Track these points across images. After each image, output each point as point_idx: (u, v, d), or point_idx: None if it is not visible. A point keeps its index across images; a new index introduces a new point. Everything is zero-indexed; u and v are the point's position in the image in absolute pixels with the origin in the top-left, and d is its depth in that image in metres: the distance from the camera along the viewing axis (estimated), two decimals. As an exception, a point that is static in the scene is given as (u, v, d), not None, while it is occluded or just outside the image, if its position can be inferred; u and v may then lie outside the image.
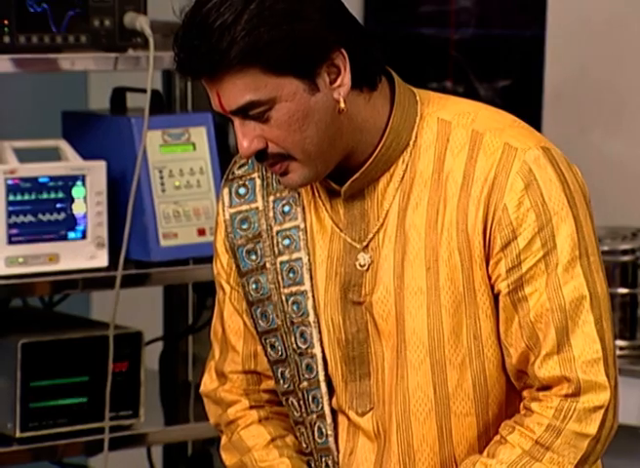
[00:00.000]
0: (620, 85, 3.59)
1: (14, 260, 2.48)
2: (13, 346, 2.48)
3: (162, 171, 2.62)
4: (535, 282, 1.83)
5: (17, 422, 2.49)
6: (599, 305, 1.84)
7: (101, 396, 2.52)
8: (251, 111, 1.81)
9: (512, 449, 1.83)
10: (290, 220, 1.96)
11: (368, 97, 1.87)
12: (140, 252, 2.61)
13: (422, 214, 1.87)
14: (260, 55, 1.78)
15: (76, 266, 2.54)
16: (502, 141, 1.85)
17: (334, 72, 1.82)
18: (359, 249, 1.91)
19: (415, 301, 1.88)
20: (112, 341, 2.53)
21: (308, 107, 1.82)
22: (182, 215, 2.64)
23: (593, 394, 1.82)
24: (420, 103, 1.91)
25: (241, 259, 1.98)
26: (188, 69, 1.82)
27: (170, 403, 2.91)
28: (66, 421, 2.54)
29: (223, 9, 1.77)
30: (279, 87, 1.80)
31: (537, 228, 1.83)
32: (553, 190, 1.84)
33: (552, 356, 1.82)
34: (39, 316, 2.79)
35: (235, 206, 1.99)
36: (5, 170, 2.47)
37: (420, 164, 1.88)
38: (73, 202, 2.54)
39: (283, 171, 1.86)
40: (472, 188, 1.85)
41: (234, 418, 2.03)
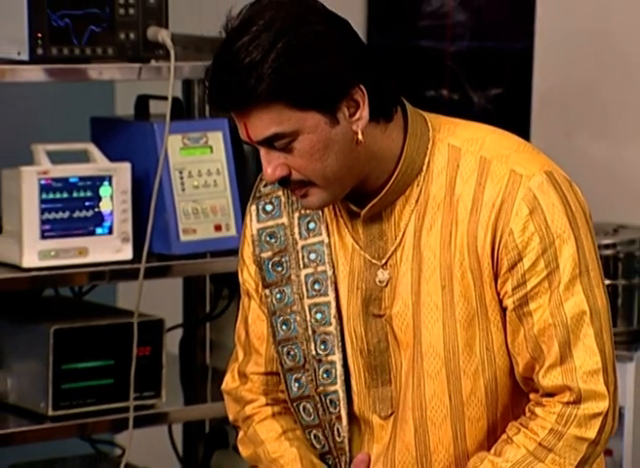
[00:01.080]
0: (602, 92, 3.58)
1: (46, 254, 2.48)
2: (46, 332, 2.48)
3: (182, 172, 2.62)
4: (539, 299, 1.83)
5: (49, 402, 2.49)
6: (599, 318, 1.84)
7: (126, 378, 2.52)
8: (275, 142, 1.80)
9: (518, 449, 1.83)
10: (314, 236, 1.95)
11: (384, 127, 1.86)
12: (162, 246, 2.60)
13: (437, 235, 1.87)
14: (286, 91, 1.77)
15: (103, 259, 2.54)
16: (509, 169, 1.84)
17: (353, 106, 1.81)
18: (378, 266, 1.91)
19: (431, 316, 1.88)
20: (136, 328, 2.53)
21: (329, 139, 1.81)
22: (201, 213, 2.63)
23: (593, 402, 1.82)
24: (432, 129, 1.90)
25: (267, 271, 1.97)
26: (218, 103, 1.82)
27: (189, 384, 2.91)
28: (94, 401, 2.54)
29: (252, 47, 1.76)
30: (302, 120, 1.79)
31: (540, 250, 1.82)
32: (556, 214, 1.83)
33: (555, 367, 1.82)
34: (69, 304, 2.79)
35: (262, 221, 1.99)
36: (38, 170, 2.47)
37: (433, 188, 1.88)
38: (101, 200, 2.53)
39: (303, 194, 1.85)
40: (481, 213, 1.84)
41: (251, 414, 2.03)
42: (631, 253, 3.29)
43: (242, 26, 1.79)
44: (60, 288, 2.79)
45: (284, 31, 1.77)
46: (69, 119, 2.86)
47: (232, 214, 2.67)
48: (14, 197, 2.47)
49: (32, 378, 2.53)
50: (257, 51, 1.76)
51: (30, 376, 2.53)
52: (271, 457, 1.99)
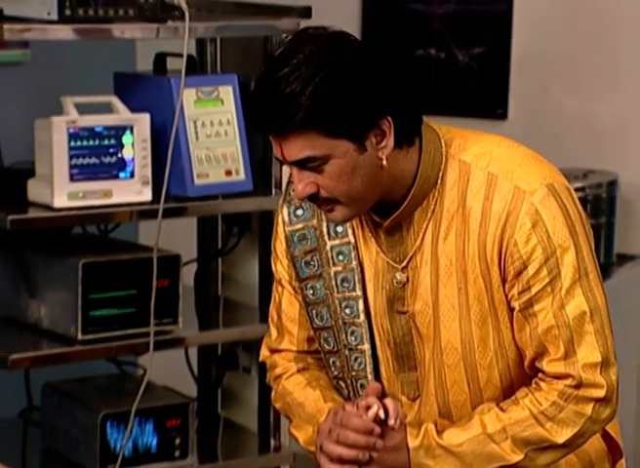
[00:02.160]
0: (575, 51, 3.58)
1: (75, 195, 2.48)
2: (75, 266, 2.50)
3: (196, 122, 2.62)
4: (542, 301, 1.84)
5: (78, 327, 2.51)
6: (599, 316, 1.85)
7: (147, 306, 2.54)
8: (308, 164, 1.81)
9: (522, 411, 1.85)
10: (342, 238, 1.95)
11: (406, 151, 1.86)
12: (178, 188, 2.61)
13: (452, 243, 1.88)
14: (320, 121, 1.76)
15: (126, 200, 2.54)
16: (513, 185, 1.84)
17: (379, 135, 1.81)
18: (398, 269, 1.91)
19: (449, 315, 1.89)
20: (156, 262, 2.54)
21: (356, 164, 1.81)
22: (213, 159, 2.64)
23: (592, 389, 1.84)
24: (445, 145, 1.89)
25: (300, 268, 1.98)
26: (258, 126, 1.82)
27: (203, 312, 2.91)
28: (119, 327, 2.56)
29: (292, 79, 1.75)
30: (333, 147, 1.79)
31: (543, 260, 1.83)
32: (557, 226, 1.83)
33: (560, 360, 1.84)
34: (96, 241, 2.80)
35: (293, 224, 1.99)
36: (67, 120, 2.47)
37: (447, 201, 1.88)
38: (123, 147, 2.54)
39: (329, 209, 1.86)
40: (489, 226, 1.85)
41: (280, 373, 2.04)
42: (599, 196, 3.31)
43: (283, 58, 1.78)
44: (88, 226, 2.79)
45: (322, 66, 1.76)
46: (94, 74, 2.86)
47: (241, 160, 2.67)
48: (45, 144, 2.47)
49: (63, 306, 2.54)
50: (296, 82, 1.75)
51: (61, 305, 2.55)
52: (297, 402, 2.00)
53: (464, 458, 1.84)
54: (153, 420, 2.63)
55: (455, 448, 1.84)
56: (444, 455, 1.84)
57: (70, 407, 2.68)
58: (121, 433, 2.58)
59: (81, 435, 2.62)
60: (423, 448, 1.85)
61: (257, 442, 2.85)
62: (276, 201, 2.72)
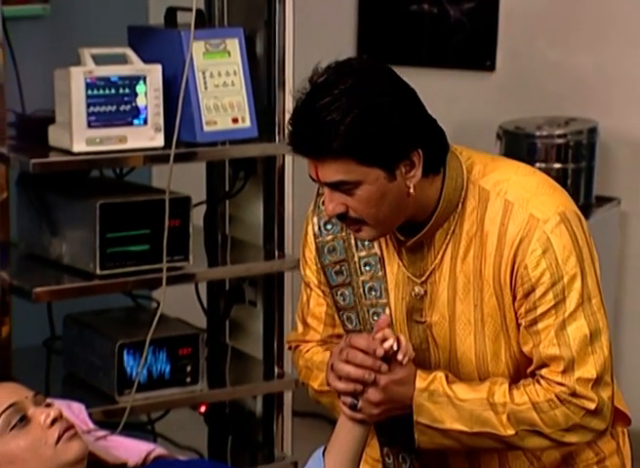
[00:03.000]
0: (559, 5, 3.57)
1: (92, 141, 2.49)
2: (93, 206, 2.51)
3: (204, 73, 2.62)
4: (546, 321, 1.84)
5: (97, 263, 2.52)
6: (599, 338, 1.85)
7: (160, 244, 2.55)
8: (340, 187, 1.81)
9: (522, 396, 1.86)
10: (369, 249, 1.96)
11: (431, 180, 1.86)
12: (188, 135, 2.61)
13: (470, 263, 1.88)
14: (356, 150, 1.77)
15: (140, 146, 2.54)
16: (528, 213, 1.84)
17: (409, 165, 1.81)
18: (417, 283, 1.92)
19: (464, 330, 1.90)
20: (168, 204, 2.55)
21: (385, 191, 1.81)
22: (220, 107, 2.64)
23: (584, 400, 1.85)
24: (466, 171, 1.89)
25: (330, 276, 1.99)
26: (296, 148, 1.82)
27: (212, 250, 2.92)
28: (134, 263, 2.56)
29: (333, 108, 1.75)
30: (365, 174, 1.79)
31: (550, 284, 1.83)
32: (565, 254, 1.83)
33: (558, 373, 1.85)
34: (112, 184, 2.80)
35: (323, 236, 1.99)
36: (85, 71, 2.47)
37: (466, 224, 1.88)
38: (137, 96, 2.53)
39: (356, 229, 1.86)
40: (504, 250, 1.85)
41: (302, 349, 2.06)
42: (579, 142, 3.32)
43: (326, 87, 1.78)
44: (104, 169, 2.79)
45: (362, 99, 1.76)
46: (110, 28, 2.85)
47: (247, 108, 2.67)
48: (64, 93, 2.47)
49: (82, 244, 2.55)
50: (336, 112, 1.75)
51: (81, 242, 2.56)
52: (316, 362, 2.02)
53: (462, 413, 1.85)
54: (166, 349, 2.65)
55: (458, 400, 1.85)
56: (445, 404, 1.85)
57: (90, 336, 2.70)
58: (136, 360, 2.60)
59: (100, 362, 2.65)
60: (428, 392, 1.85)
61: (261, 369, 2.87)
62: (279, 147, 2.78)
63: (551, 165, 3.27)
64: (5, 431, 1.87)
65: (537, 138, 3.28)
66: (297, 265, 2.76)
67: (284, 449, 2.89)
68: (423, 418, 1.85)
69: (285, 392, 2.88)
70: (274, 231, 2.84)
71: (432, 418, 1.85)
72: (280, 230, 2.83)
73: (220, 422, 3.03)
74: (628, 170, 3.52)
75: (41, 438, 1.88)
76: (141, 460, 2.02)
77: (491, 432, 1.85)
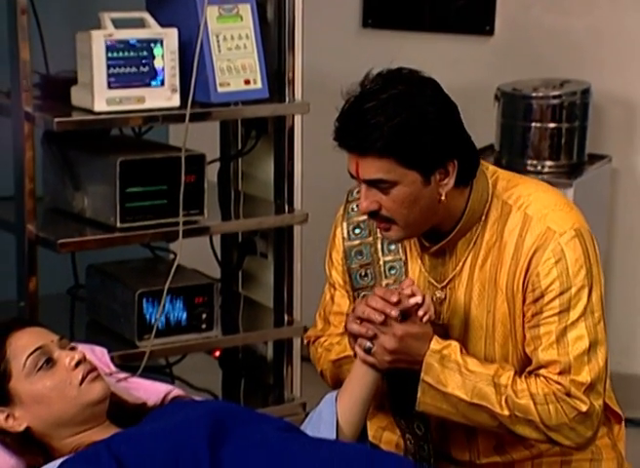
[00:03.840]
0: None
1: (112, 100, 2.48)
2: (113, 163, 2.50)
3: (218, 36, 2.60)
4: (548, 326, 1.86)
5: (117, 216, 2.52)
6: (596, 350, 1.87)
7: (177, 199, 2.54)
8: (377, 184, 1.82)
9: (522, 385, 1.87)
10: (394, 254, 1.97)
11: (461, 190, 1.87)
12: (203, 95, 2.60)
13: (486, 271, 1.90)
14: (398, 152, 1.78)
15: (157, 106, 2.53)
16: (545, 226, 1.86)
17: (444, 174, 1.83)
18: (438, 287, 1.94)
19: (476, 334, 1.92)
20: (184, 161, 2.54)
21: (419, 194, 1.82)
22: (233, 69, 2.62)
23: (577, 401, 1.86)
24: (491, 186, 1.91)
25: (355, 279, 2.01)
26: (342, 143, 1.83)
27: (225, 205, 2.92)
28: (152, 216, 2.56)
29: (380, 111, 1.78)
30: (404, 175, 1.81)
31: (558, 292, 1.85)
32: (576, 267, 1.85)
33: (555, 374, 1.86)
34: (131, 142, 2.79)
35: (352, 240, 2.01)
36: (105, 34, 2.46)
37: (487, 235, 1.90)
38: (154, 58, 2.52)
39: (385, 228, 1.87)
40: (520, 259, 1.86)
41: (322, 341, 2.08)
42: (573, 102, 3.30)
43: (375, 92, 1.81)
44: (124, 128, 2.78)
45: (408, 106, 1.79)
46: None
47: (258, 70, 2.65)
48: (86, 55, 2.46)
49: (104, 198, 2.55)
50: (383, 115, 1.77)
51: (102, 197, 2.55)
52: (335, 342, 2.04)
53: (467, 382, 1.86)
54: (183, 298, 2.66)
55: (466, 370, 1.87)
56: (453, 370, 1.86)
57: (111, 285, 2.71)
58: (155, 308, 2.61)
59: (120, 309, 2.65)
60: (440, 355, 1.87)
61: (272, 317, 2.88)
62: (289, 107, 2.77)
63: (546, 124, 3.26)
64: (32, 372, 1.88)
65: (533, 99, 3.27)
66: (305, 219, 2.79)
67: (293, 392, 2.91)
68: (429, 378, 1.87)
69: (294, 338, 2.89)
70: (284, 187, 2.83)
71: (437, 380, 1.86)
72: (290, 186, 2.83)
73: (233, 366, 3.05)
74: (619, 129, 3.50)
75: (66, 379, 1.89)
76: (160, 400, 2.03)
77: (487, 407, 1.86)
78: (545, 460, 1.99)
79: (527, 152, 3.24)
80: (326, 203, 3.59)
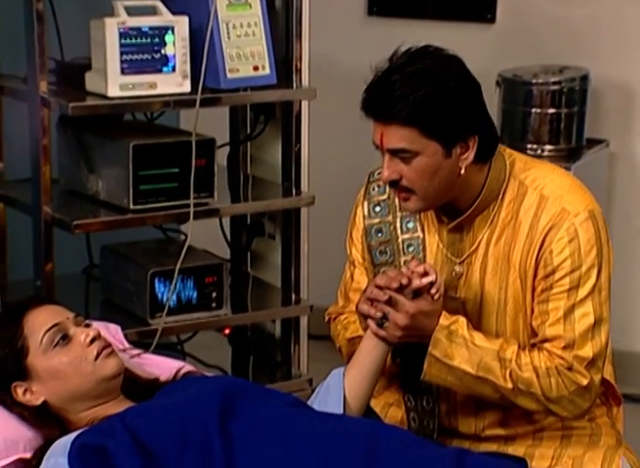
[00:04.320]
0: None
1: (125, 86, 2.47)
2: (126, 147, 2.50)
3: (228, 24, 2.59)
4: (557, 302, 1.88)
5: (130, 198, 2.52)
6: (600, 327, 1.89)
7: (188, 182, 2.54)
8: (400, 154, 1.83)
9: (526, 358, 1.89)
10: (412, 232, 1.98)
11: (479, 167, 1.88)
12: (213, 81, 2.59)
13: (500, 248, 1.91)
14: (422, 122, 1.80)
15: (168, 91, 2.53)
16: (561, 207, 1.87)
17: (464, 148, 1.84)
18: (455, 262, 1.95)
19: (488, 308, 1.93)
20: (194, 145, 2.54)
21: (439, 166, 1.83)
22: (242, 56, 2.62)
23: (578, 375, 1.88)
24: (509, 166, 1.92)
25: (374, 256, 2.01)
26: (368, 112, 1.84)
27: (234, 188, 2.92)
28: (164, 199, 2.56)
29: (406, 83, 1.79)
30: (426, 146, 1.82)
31: (569, 270, 1.86)
32: (588, 247, 1.86)
33: (559, 349, 1.88)
34: (144, 126, 2.79)
35: (372, 218, 2.02)
36: (118, 21, 2.46)
37: (503, 213, 1.91)
38: (166, 45, 2.51)
39: (405, 198, 1.88)
40: (535, 237, 1.88)
41: (341, 317, 2.09)
42: (572, 88, 3.30)
43: (403, 65, 1.82)
44: (136, 113, 2.78)
45: (433, 80, 1.80)
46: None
47: (266, 57, 2.65)
48: (99, 42, 2.46)
49: (117, 181, 2.55)
50: (409, 87, 1.79)
51: (116, 180, 2.56)
52: (352, 321, 2.05)
53: (473, 356, 1.88)
54: (193, 277, 2.66)
55: (472, 345, 1.88)
56: (460, 344, 1.88)
57: (124, 265, 2.71)
58: (167, 287, 2.61)
59: (133, 288, 2.66)
60: (448, 330, 1.88)
61: (280, 296, 2.88)
62: (297, 93, 2.77)
63: (546, 110, 3.26)
64: (49, 348, 1.90)
65: (533, 85, 3.26)
66: (312, 201, 2.79)
67: (300, 368, 2.92)
68: (437, 352, 1.88)
69: (301, 317, 2.90)
70: (291, 170, 2.83)
71: (445, 353, 1.88)
72: (297, 169, 2.82)
73: (242, 343, 3.05)
74: (616, 114, 3.50)
75: (81, 355, 1.90)
76: (172, 376, 2.04)
77: (492, 380, 1.88)
78: (547, 434, 2.01)
79: (527, 137, 3.24)
80: (332, 185, 3.61)
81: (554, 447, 1.99)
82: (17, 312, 1.95)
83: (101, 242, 2.82)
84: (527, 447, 2.00)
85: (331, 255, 3.40)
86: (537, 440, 2.01)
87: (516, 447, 2.01)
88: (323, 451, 1.70)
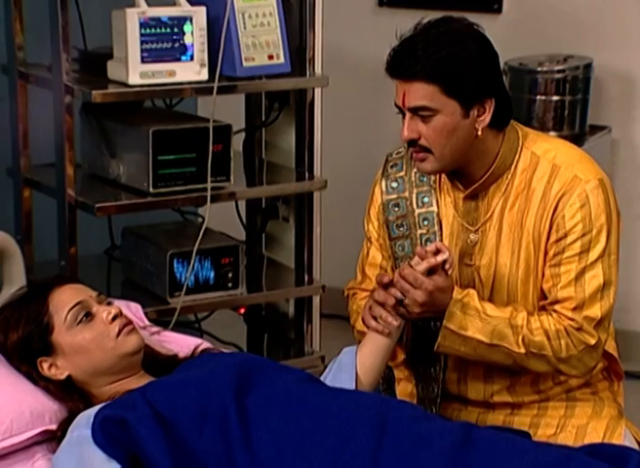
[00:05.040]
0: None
1: (145, 74, 2.48)
2: (146, 133, 2.50)
3: (244, 14, 2.59)
4: (569, 265, 1.90)
5: (150, 182, 2.52)
6: (609, 289, 1.91)
7: (205, 167, 2.54)
8: (420, 112, 1.85)
9: (536, 323, 1.91)
10: (428, 207, 1.99)
11: (495, 134, 1.90)
12: (229, 70, 2.59)
13: (514, 215, 1.92)
14: (444, 80, 1.82)
15: (187, 79, 2.53)
16: (573, 174, 1.89)
17: (482, 110, 1.86)
18: (471, 230, 1.96)
19: (501, 272, 1.94)
20: (211, 131, 2.54)
21: (457, 125, 1.85)
22: (258, 45, 2.61)
23: (587, 335, 1.90)
24: (522, 138, 1.94)
25: (392, 229, 2.02)
26: (393, 71, 1.86)
27: (250, 171, 2.92)
28: (182, 183, 2.56)
29: (430, 44, 1.83)
30: (445, 104, 1.83)
31: (580, 234, 1.88)
32: (598, 212, 1.88)
33: (569, 310, 1.90)
34: (163, 113, 2.79)
35: (389, 194, 2.03)
36: (139, 11, 2.46)
37: (516, 181, 1.92)
38: (184, 35, 2.51)
39: (421, 158, 1.89)
40: (548, 203, 1.90)
41: (355, 294, 2.11)
42: (576, 77, 3.29)
43: (427, 29, 1.86)
44: (156, 100, 2.78)
45: (455, 41, 1.83)
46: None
47: (281, 46, 2.64)
48: (121, 32, 2.46)
49: (137, 166, 2.55)
50: (432, 48, 1.82)
51: (136, 164, 2.56)
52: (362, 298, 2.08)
53: (486, 326, 1.90)
54: (210, 258, 2.67)
55: (485, 315, 1.90)
56: (474, 316, 1.90)
57: (144, 246, 2.72)
58: (185, 268, 2.62)
59: (153, 269, 2.67)
60: (462, 303, 1.90)
61: (293, 276, 2.89)
62: (310, 81, 2.76)
63: (550, 97, 3.25)
64: (73, 325, 1.91)
65: (538, 74, 3.26)
66: (324, 185, 2.79)
67: (313, 346, 2.92)
68: (452, 324, 1.90)
69: (313, 296, 2.90)
70: (305, 156, 2.83)
71: (459, 325, 1.89)
72: (310, 155, 2.82)
73: (257, 322, 3.06)
74: (618, 101, 3.49)
75: (104, 331, 1.91)
76: (190, 352, 2.05)
77: (505, 347, 1.90)
78: (551, 404, 2.03)
79: (532, 123, 3.23)
80: (343, 170, 3.61)
81: (559, 417, 2.02)
82: (42, 291, 1.96)
83: (123, 224, 2.82)
84: (532, 417, 2.02)
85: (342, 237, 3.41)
86: (542, 409, 2.03)
87: (522, 418, 2.03)
88: (336, 425, 1.71)
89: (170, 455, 1.68)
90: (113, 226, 2.87)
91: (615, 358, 2.07)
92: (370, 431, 1.68)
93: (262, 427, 1.72)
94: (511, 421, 2.03)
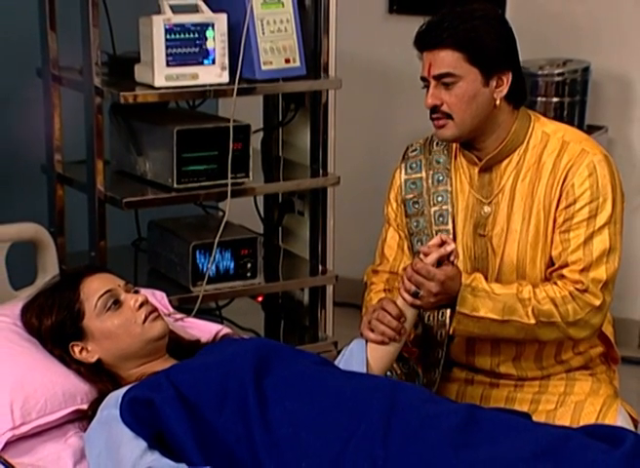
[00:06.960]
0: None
1: (170, 77, 2.48)
2: (171, 131, 2.51)
3: (262, 21, 2.59)
4: (577, 231, 1.92)
5: (174, 178, 2.53)
6: (614, 254, 1.93)
7: (225, 164, 2.54)
8: (444, 79, 1.89)
9: (542, 293, 1.93)
10: (442, 185, 2.03)
11: (510, 109, 1.95)
12: (249, 72, 2.59)
13: (525, 186, 1.96)
14: (468, 49, 1.87)
15: (209, 82, 2.53)
16: (581, 148, 1.94)
17: (500, 82, 1.91)
18: (485, 203, 1.99)
19: (512, 238, 1.96)
20: (232, 130, 2.54)
21: (477, 93, 1.90)
22: (275, 50, 2.62)
23: (592, 297, 1.92)
24: (535, 120, 1.98)
25: (408, 207, 2.06)
26: (421, 42, 1.93)
27: (268, 169, 2.92)
28: (204, 179, 2.56)
29: (456, 17, 1.90)
30: (468, 72, 1.89)
31: (589, 201, 1.91)
32: (605, 182, 1.91)
33: (577, 272, 1.92)
34: (186, 113, 2.80)
35: (408, 174, 2.07)
36: (164, 18, 2.46)
37: (528, 155, 1.96)
38: (207, 40, 2.52)
39: (441, 125, 1.93)
40: (558, 173, 1.93)
41: (371, 286, 2.12)
42: (575, 79, 3.28)
43: (453, 9, 1.92)
44: (180, 101, 2.79)
45: (478, 16, 1.90)
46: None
47: (297, 51, 2.64)
48: (147, 37, 2.46)
49: (163, 163, 2.56)
50: (458, 20, 1.89)
51: (161, 161, 2.56)
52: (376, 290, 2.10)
53: (497, 304, 1.91)
54: (230, 250, 2.67)
55: (494, 294, 1.92)
56: (484, 297, 1.92)
57: (169, 238, 2.72)
58: (206, 258, 2.62)
59: (177, 259, 2.67)
60: (471, 287, 1.92)
61: (308, 267, 2.89)
62: (324, 83, 2.76)
63: (550, 99, 3.25)
64: (102, 312, 1.91)
65: (539, 77, 3.25)
66: (337, 181, 2.78)
67: (326, 332, 2.92)
68: (464, 308, 1.92)
69: (327, 285, 2.90)
70: (319, 153, 2.83)
71: (472, 308, 1.91)
72: (324, 153, 2.82)
73: (274, 309, 3.06)
74: (615, 102, 3.48)
75: (131, 318, 1.91)
76: (212, 338, 2.06)
77: (516, 320, 1.91)
78: (552, 383, 2.05)
79: (533, 123, 3.23)
80: (355, 167, 3.60)
81: (558, 393, 2.03)
82: (74, 279, 1.96)
83: (148, 217, 2.83)
84: (534, 393, 2.04)
85: (354, 230, 3.42)
86: (543, 387, 2.04)
87: (524, 394, 2.04)
88: (349, 405, 1.71)
89: (192, 433, 1.69)
90: (140, 220, 2.88)
91: (612, 343, 2.07)
92: (380, 411, 1.69)
93: (279, 407, 1.73)
94: (514, 397, 2.04)
